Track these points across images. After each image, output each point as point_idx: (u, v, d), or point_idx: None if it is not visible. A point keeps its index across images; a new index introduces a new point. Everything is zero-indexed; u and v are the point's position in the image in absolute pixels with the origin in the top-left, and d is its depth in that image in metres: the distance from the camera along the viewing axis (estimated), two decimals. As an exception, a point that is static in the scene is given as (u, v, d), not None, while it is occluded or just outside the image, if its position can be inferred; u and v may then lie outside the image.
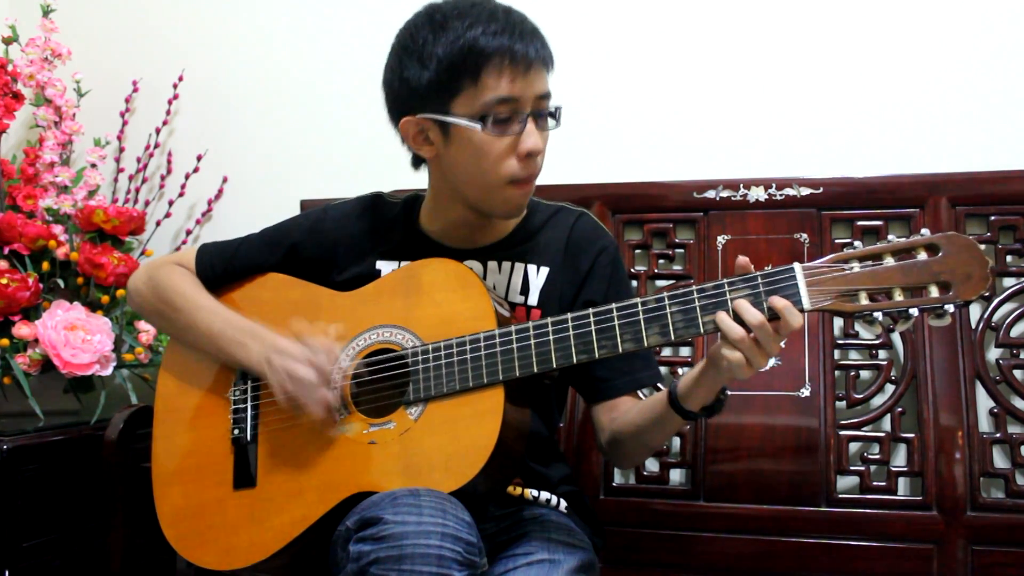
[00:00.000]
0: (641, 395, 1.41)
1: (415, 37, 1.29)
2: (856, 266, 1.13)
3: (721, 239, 1.80)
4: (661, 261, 1.87)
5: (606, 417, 1.41)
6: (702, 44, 1.93)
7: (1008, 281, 1.71)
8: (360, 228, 1.47)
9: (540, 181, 1.38)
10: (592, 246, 1.43)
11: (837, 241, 1.76)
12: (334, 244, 1.46)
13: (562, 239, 1.44)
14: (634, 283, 1.85)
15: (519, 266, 1.41)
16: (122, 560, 1.69)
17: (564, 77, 1.94)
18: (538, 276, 1.41)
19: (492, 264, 1.42)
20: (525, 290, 1.41)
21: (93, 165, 2.09)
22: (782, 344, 1.16)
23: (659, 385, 1.39)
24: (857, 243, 1.15)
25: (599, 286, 1.42)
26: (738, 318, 1.14)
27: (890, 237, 1.15)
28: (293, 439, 1.34)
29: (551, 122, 1.33)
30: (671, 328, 1.18)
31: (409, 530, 1.07)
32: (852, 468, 1.67)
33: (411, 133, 1.34)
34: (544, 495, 1.39)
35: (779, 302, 1.13)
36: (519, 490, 1.38)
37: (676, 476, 1.79)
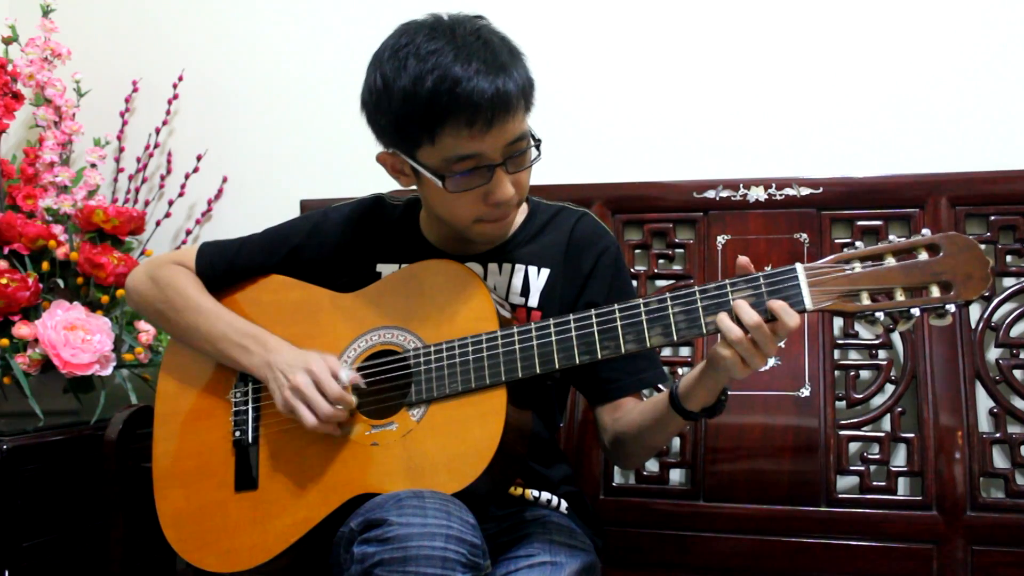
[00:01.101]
0: (644, 395, 1.41)
1: (377, 69, 1.24)
2: (857, 266, 1.13)
3: (721, 239, 1.80)
4: (661, 261, 1.87)
5: (609, 417, 1.41)
6: (702, 44, 1.93)
7: (1008, 281, 1.72)
8: (361, 231, 1.47)
9: (540, 181, 1.38)
10: (594, 247, 1.43)
11: (837, 241, 1.76)
12: (335, 246, 1.46)
13: (563, 240, 1.43)
14: (634, 283, 1.85)
15: (520, 267, 1.41)
16: (122, 560, 1.68)
17: (564, 78, 1.96)
18: (539, 277, 1.41)
19: (492, 266, 1.41)
20: (526, 291, 1.41)
21: (93, 165, 2.08)
22: (780, 344, 1.16)
23: (660, 385, 1.39)
24: (858, 243, 1.16)
25: (601, 287, 1.42)
26: (737, 318, 1.14)
27: (890, 237, 1.15)
28: (294, 441, 1.34)
29: (532, 154, 1.28)
30: (674, 329, 1.18)
31: (413, 532, 1.07)
32: (852, 468, 1.67)
33: (388, 163, 1.34)
34: (545, 496, 1.39)
35: (776, 303, 1.13)
36: (520, 491, 1.38)
37: (676, 476, 1.80)
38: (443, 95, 1.17)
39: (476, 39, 1.21)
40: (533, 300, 1.40)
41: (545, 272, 1.41)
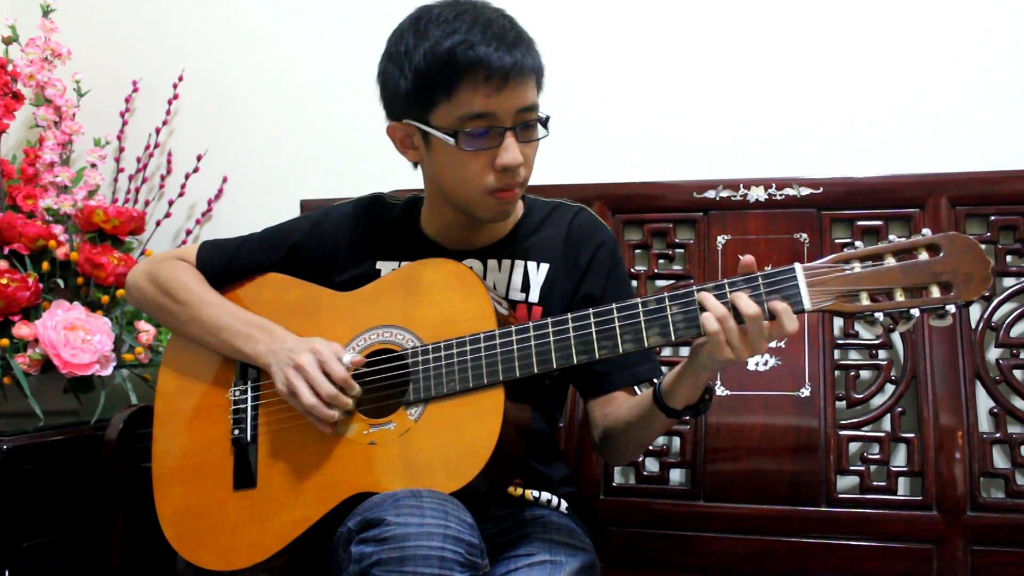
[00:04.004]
0: (638, 391, 1.41)
1: (399, 42, 1.29)
2: (857, 266, 1.13)
3: (721, 239, 1.80)
4: (661, 261, 1.87)
5: (600, 412, 1.41)
6: (702, 44, 1.93)
7: (1008, 281, 1.71)
8: (360, 229, 1.47)
9: (541, 181, 1.38)
10: (591, 240, 1.43)
11: (837, 241, 1.76)
12: (334, 245, 1.46)
13: (561, 235, 1.44)
14: (634, 283, 1.85)
15: (519, 263, 1.41)
16: (122, 560, 1.68)
17: (564, 77, 1.95)
18: (538, 273, 1.41)
19: (492, 262, 1.42)
20: (526, 287, 1.41)
21: (93, 165, 2.09)
22: (770, 344, 1.15)
23: (655, 380, 1.39)
24: (858, 243, 1.15)
25: (598, 280, 1.42)
26: (734, 308, 1.14)
27: (890, 237, 1.15)
28: (293, 439, 1.34)
29: (540, 130, 1.31)
30: (672, 328, 1.18)
31: (411, 531, 1.07)
32: (852, 468, 1.67)
33: (398, 136, 1.35)
34: (545, 496, 1.39)
35: (778, 305, 1.13)
36: (520, 490, 1.38)
37: (676, 476, 1.79)
38: (462, 53, 1.22)
39: (499, 16, 1.27)
40: (534, 296, 1.41)
41: (545, 267, 1.42)
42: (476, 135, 1.26)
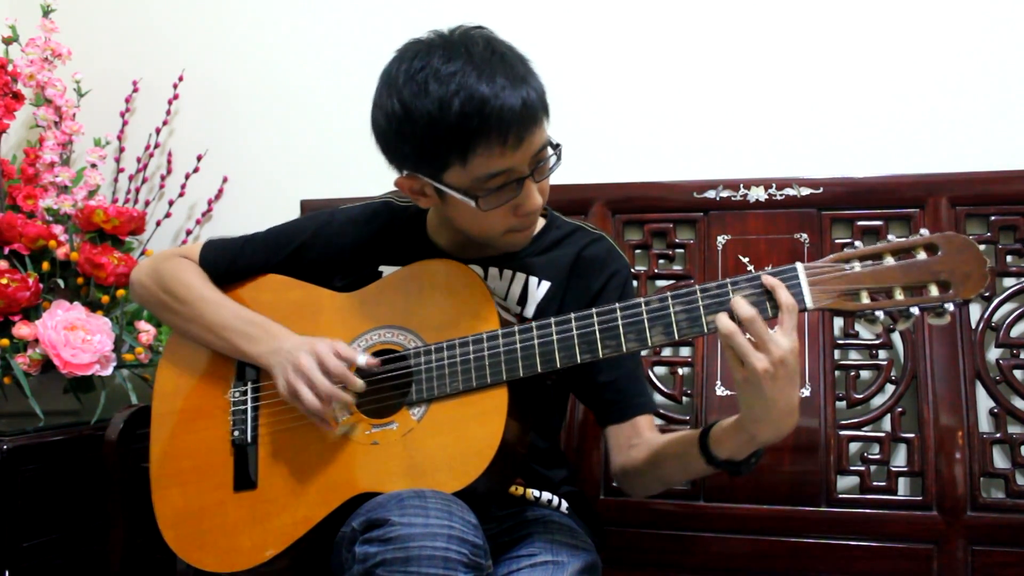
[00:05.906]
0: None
1: (395, 100, 1.20)
2: (857, 265, 1.13)
3: (721, 239, 1.80)
4: (661, 261, 1.87)
5: (623, 440, 1.38)
6: (702, 44, 1.93)
7: (1008, 281, 1.72)
8: (367, 234, 1.46)
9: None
10: (606, 268, 1.42)
11: (837, 241, 1.76)
12: (340, 248, 1.46)
13: (570, 257, 1.42)
14: (634, 283, 1.85)
15: (520, 276, 1.40)
16: (122, 560, 1.68)
17: (564, 78, 1.96)
18: (538, 289, 1.40)
19: (493, 270, 1.40)
20: (523, 300, 1.40)
21: (93, 165, 2.08)
22: (786, 344, 1.13)
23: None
24: (858, 243, 1.16)
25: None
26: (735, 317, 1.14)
27: (890, 237, 1.15)
28: (293, 440, 1.34)
29: (553, 159, 1.27)
30: (675, 327, 1.18)
31: (415, 532, 1.07)
32: (852, 468, 1.67)
33: (406, 187, 1.32)
34: (546, 496, 1.39)
35: (770, 280, 1.13)
36: (521, 490, 1.38)
37: (676, 476, 1.79)
38: (473, 116, 1.15)
39: (492, 54, 1.19)
40: (529, 311, 1.39)
41: (546, 285, 1.40)
42: (495, 190, 1.22)
